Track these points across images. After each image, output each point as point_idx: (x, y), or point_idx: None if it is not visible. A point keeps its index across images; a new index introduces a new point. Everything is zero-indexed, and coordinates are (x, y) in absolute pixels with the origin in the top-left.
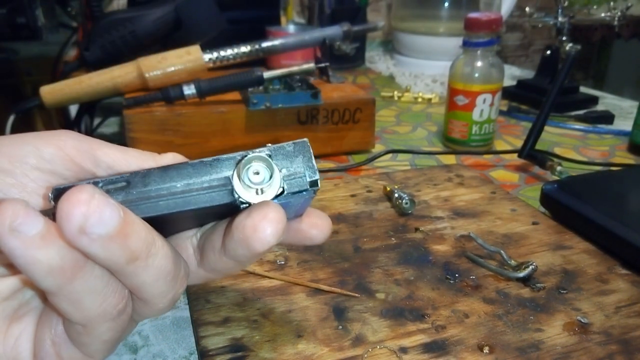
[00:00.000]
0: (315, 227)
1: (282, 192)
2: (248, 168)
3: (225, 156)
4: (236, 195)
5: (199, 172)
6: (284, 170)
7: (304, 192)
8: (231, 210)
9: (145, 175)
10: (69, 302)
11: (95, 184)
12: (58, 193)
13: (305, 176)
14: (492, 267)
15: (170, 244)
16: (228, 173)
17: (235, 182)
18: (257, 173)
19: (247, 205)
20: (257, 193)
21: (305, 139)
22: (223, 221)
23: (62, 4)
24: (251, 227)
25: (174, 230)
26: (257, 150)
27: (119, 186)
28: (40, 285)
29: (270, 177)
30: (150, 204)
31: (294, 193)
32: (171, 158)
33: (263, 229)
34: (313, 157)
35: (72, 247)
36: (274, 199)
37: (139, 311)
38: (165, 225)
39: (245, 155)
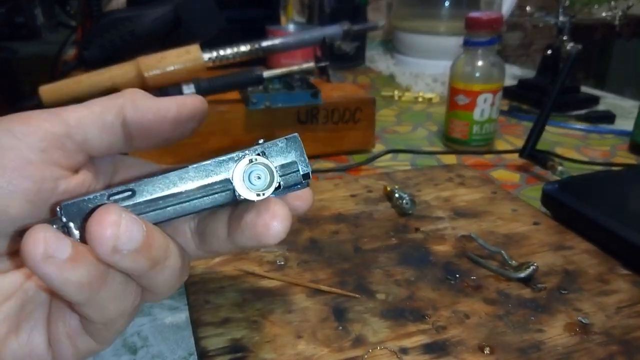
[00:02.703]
0: (299, 198)
1: (279, 187)
2: (250, 173)
3: (223, 158)
4: (237, 194)
5: (200, 175)
6: (278, 167)
7: (298, 185)
8: (232, 203)
9: (149, 183)
10: (94, 309)
11: (102, 196)
12: (68, 209)
13: (299, 170)
14: (493, 267)
15: (176, 241)
16: (228, 175)
17: (236, 182)
18: (259, 177)
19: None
20: (257, 195)
21: (296, 134)
22: (223, 209)
23: (61, 3)
24: (263, 225)
25: (175, 222)
26: (252, 148)
27: (125, 196)
28: (70, 299)
29: (270, 178)
30: (158, 211)
31: (289, 187)
32: (192, 101)
33: (274, 226)
34: (304, 151)
35: (98, 263)
36: (272, 194)
37: (145, 300)
38: (169, 222)
39: (243, 155)
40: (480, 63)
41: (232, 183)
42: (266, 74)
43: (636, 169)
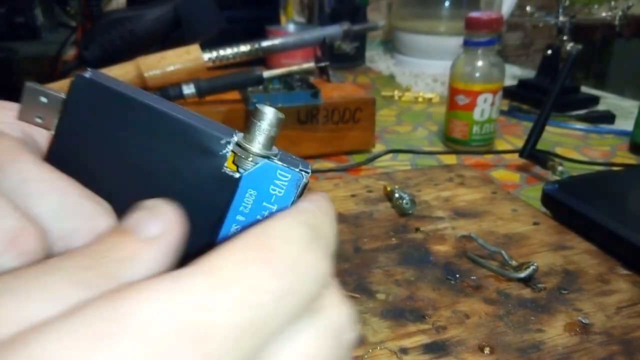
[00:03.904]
0: None
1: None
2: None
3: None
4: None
5: (201, 118)
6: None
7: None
8: (207, 181)
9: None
10: None
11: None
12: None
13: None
14: (493, 267)
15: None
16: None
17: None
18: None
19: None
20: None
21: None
22: None
23: (61, 3)
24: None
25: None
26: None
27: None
28: None
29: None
30: (145, 97)
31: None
32: None
33: None
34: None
35: None
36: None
37: None
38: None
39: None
40: (480, 63)
41: (235, 135)
42: (266, 74)
43: (636, 169)
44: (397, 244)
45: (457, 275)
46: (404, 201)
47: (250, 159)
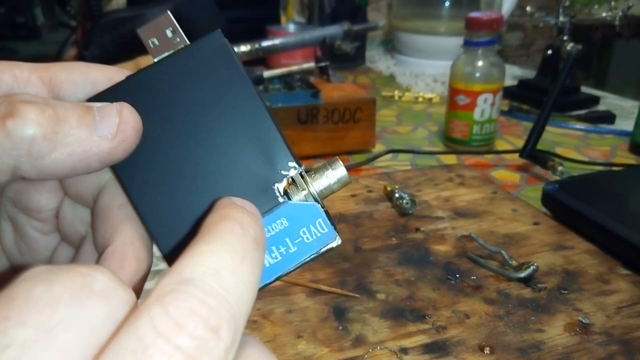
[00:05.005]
0: None
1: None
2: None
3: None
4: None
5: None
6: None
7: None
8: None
9: None
10: None
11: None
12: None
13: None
14: (493, 267)
15: None
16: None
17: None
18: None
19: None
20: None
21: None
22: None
23: (61, 3)
24: None
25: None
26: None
27: None
28: None
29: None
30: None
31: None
32: None
33: None
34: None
35: None
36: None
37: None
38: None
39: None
40: (480, 63)
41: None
42: (266, 73)
43: (636, 169)
44: (397, 244)
45: (457, 275)
46: (404, 201)
47: (304, 192)
